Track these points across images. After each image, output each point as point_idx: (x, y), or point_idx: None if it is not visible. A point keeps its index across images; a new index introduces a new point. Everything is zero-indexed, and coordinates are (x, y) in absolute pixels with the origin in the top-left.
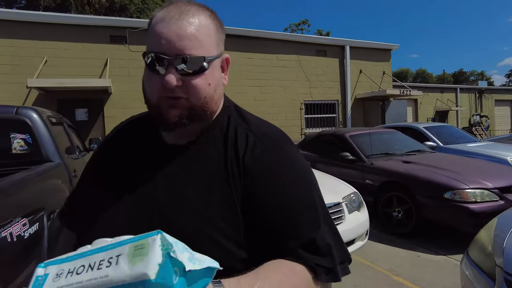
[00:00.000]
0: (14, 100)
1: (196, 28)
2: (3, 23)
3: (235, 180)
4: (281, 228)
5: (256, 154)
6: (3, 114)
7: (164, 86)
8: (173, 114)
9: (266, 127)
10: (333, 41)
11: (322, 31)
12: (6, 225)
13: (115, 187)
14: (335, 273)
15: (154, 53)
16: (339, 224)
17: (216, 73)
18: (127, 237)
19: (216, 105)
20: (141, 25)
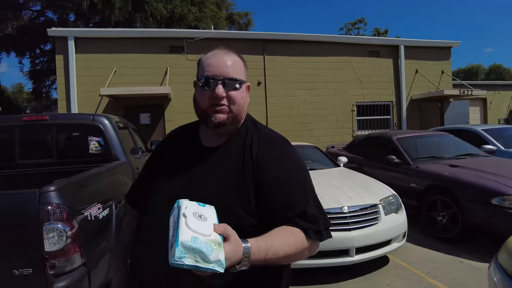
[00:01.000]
0: (88, 106)
1: (234, 61)
2: (80, 40)
3: (249, 171)
4: (281, 203)
5: (264, 153)
6: (83, 120)
7: (215, 97)
8: (219, 117)
9: (272, 134)
10: (386, 41)
11: (379, 29)
12: (88, 207)
13: (165, 175)
14: (321, 234)
15: (208, 76)
16: (374, 225)
17: (245, 92)
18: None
19: (244, 114)
20: (198, 35)
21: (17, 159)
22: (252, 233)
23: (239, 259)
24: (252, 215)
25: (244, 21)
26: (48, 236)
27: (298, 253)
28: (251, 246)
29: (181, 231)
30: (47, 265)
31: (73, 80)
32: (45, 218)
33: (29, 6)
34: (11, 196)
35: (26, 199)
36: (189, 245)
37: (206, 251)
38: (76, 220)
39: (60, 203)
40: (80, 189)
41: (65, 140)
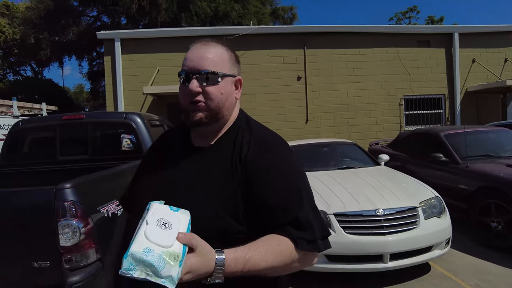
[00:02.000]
0: (134, 105)
1: (215, 53)
2: (125, 41)
3: (237, 173)
4: (270, 209)
5: (254, 155)
6: (116, 118)
7: (190, 93)
8: (198, 115)
9: (265, 134)
10: (438, 30)
11: (433, 17)
12: (105, 204)
13: (151, 174)
14: (317, 244)
15: (184, 71)
16: (411, 230)
17: (228, 87)
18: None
19: (228, 111)
20: (237, 31)
21: (58, 155)
22: (241, 241)
23: (210, 271)
24: (240, 221)
25: (289, 15)
26: (63, 232)
27: (286, 265)
28: (226, 258)
29: (136, 240)
30: (62, 259)
31: (120, 79)
32: (61, 214)
33: (86, 12)
34: (31, 192)
35: (44, 195)
36: (139, 257)
37: (158, 265)
38: (91, 217)
39: (75, 200)
40: (98, 186)
41: (100, 137)
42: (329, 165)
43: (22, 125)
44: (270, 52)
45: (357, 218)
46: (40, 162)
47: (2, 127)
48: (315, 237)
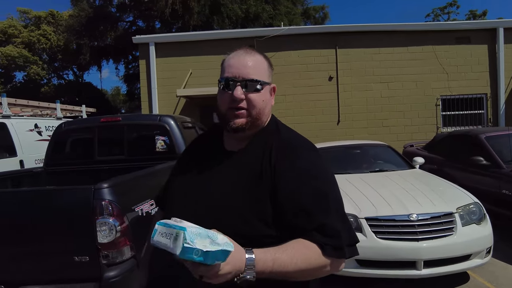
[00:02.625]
0: (168, 106)
1: (256, 61)
2: (159, 45)
3: (266, 177)
4: (297, 214)
5: (282, 159)
6: (150, 121)
7: (233, 100)
8: (238, 122)
9: (293, 139)
10: (479, 25)
11: (475, 11)
12: (140, 203)
13: (187, 177)
14: (343, 251)
15: (227, 78)
16: (447, 236)
17: (267, 94)
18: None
19: (266, 118)
20: (267, 33)
21: (96, 156)
22: (270, 244)
23: (242, 266)
24: (269, 224)
25: (320, 15)
26: (100, 229)
27: (313, 268)
28: (256, 256)
29: (183, 224)
30: (100, 255)
31: (154, 82)
32: (98, 212)
33: (123, 18)
34: (72, 191)
35: (83, 194)
36: (196, 231)
37: (212, 235)
38: (127, 215)
39: (112, 199)
40: (133, 186)
41: (135, 139)
42: (361, 168)
43: (65, 127)
44: (301, 52)
45: (389, 223)
46: (80, 162)
47: (48, 128)
48: (341, 244)
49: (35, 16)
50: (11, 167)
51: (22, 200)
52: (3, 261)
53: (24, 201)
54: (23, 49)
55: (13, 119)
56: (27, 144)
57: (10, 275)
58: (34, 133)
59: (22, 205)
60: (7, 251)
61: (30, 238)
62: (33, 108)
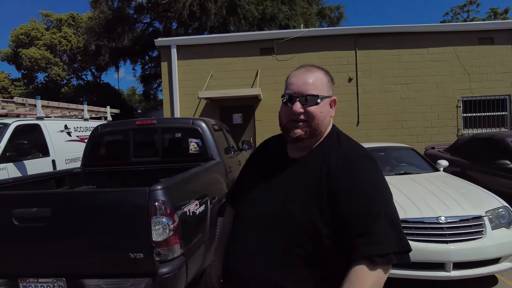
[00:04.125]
0: (189, 108)
1: (316, 78)
2: (181, 48)
3: (323, 184)
4: (348, 220)
5: (340, 167)
6: (184, 124)
7: (293, 113)
8: (298, 132)
9: (354, 150)
10: (503, 25)
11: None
12: (187, 204)
13: (253, 181)
14: (389, 257)
15: (288, 94)
16: (477, 239)
17: (326, 107)
18: None
19: (325, 128)
20: (287, 35)
21: (131, 157)
22: (329, 245)
23: None
24: (328, 225)
25: (336, 14)
26: (155, 228)
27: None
28: None
29: None
30: (154, 252)
31: (176, 84)
32: (153, 212)
33: (141, 19)
34: (129, 192)
35: (139, 195)
36: None
37: None
38: (177, 215)
39: (165, 200)
40: (181, 187)
41: (169, 141)
42: (386, 171)
43: (101, 130)
44: (321, 54)
45: (418, 225)
46: (116, 163)
47: (76, 129)
48: (388, 251)
49: (56, 19)
50: (44, 166)
51: (85, 200)
52: (66, 256)
53: (87, 201)
54: (45, 51)
55: (46, 120)
56: (58, 145)
57: (73, 268)
58: (64, 134)
59: (85, 205)
60: (70, 247)
61: (91, 235)
62: (61, 110)
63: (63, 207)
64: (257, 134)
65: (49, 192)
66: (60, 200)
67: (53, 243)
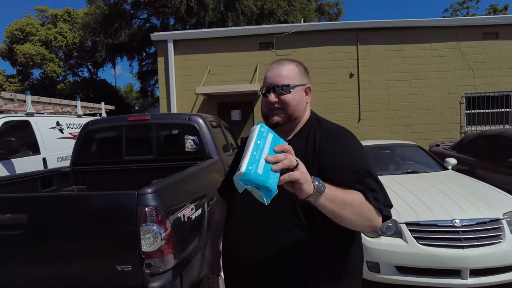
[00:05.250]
0: (186, 104)
1: (288, 69)
2: (178, 42)
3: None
4: (343, 177)
5: (325, 142)
6: (180, 120)
7: (269, 102)
8: (275, 119)
9: (334, 127)
10: (508, 20)
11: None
12: (181, 208)
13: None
14: (380, 204)
15: (264, 87)
16: (495, 244)
17: (299, 94)
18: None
19: (301, 112)
20: (287, 29)
21: (124, 155)
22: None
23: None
24: None
25: (335, 10)
26: (144, 237)
27: (362, 209)
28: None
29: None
30: (144, 264)
31: (172, 80)
32: (142, 219)
33: (137, 15)
34: (115, 196)
35: (126, 200)
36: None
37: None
38: (170, 222)
39: (156, 205)
40: (176, 190)
41: (164, 138)
42: (392, 169)
43: (92, 126)
44: (321, 49)
45: (431, 229)
46: (107, 162)
47: (69, 126)
48: (379, 199)
49: (52, 14)
50: (34, 164)
51: (65, 204)
52: (45, 268)
53: (65, 206)
54: (40, 46)
55: (36, 116)
56: (49, 142)
57: (53, 282)
58: (56, 131)
59: (65, 210)
60: (49, 258)
61: (72, 245)
62: (54, 106)
63: (40, 213)
64: None
65: (23, 196)
66: (36, 205)
67: (30, 253)
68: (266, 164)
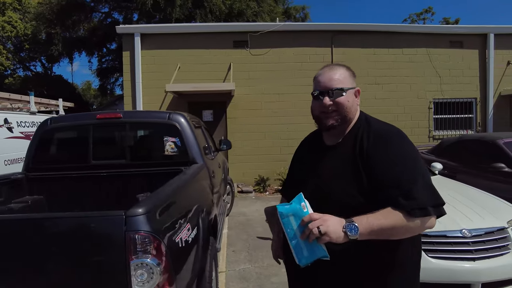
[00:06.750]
0: (153, 102)
1: (340, 74)
2: (146, 36)
3: (361, 160)
4: (387, 183)
5: (373, 143)
6: (158, 119)
7: (323, 106)
8: (330, 121)
9: (383, 127)
10: (471, 30)
11: (449, 19)
12: (178, 231)
13: (300, 171)
14: (427, 210)
15: (319, 90)
16: (504, 254)
17: (352, 96)
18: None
19: (353, 115)
20: (262, 28)
21: (90, 159)
22: (362, 212)
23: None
24: (366, 196)
25: (301, 15)
26: (136, 274)
27: (402, 226)
28: (354, 219)
29: None
30: None
31: (139, 76)
32: (133, 250)
33: (98, 8)
34: (93, 219)
35: (109, 224)
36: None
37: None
38: (167, 250)
39: (150, 230)
40: (169, 208)
41: (139, 140)
42: None
43: (51, 124)
44: (296, 50)
45: (440, 240)
46: (70, 167)
47: (20, 124)
48: (425, 204)
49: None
50: None
51: (25, 231)
52: None
53: (28, 233)
54: None
55: None
56: None
57: None
58: (4, 130)
59: (26, 239)
60: None
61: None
62: (1, 101)
63: None
64: (229, 132)
65: None
66: None
67: None
68: (305, 242)
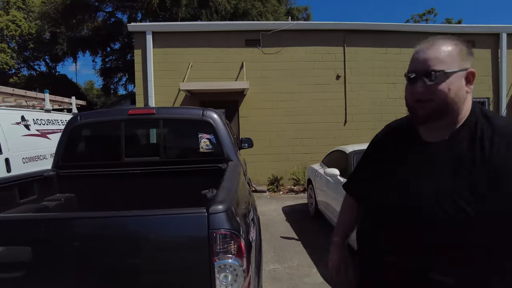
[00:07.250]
0: (165, 101)
1: (441, 51)
2: (157, 34)
3: (480, 167)
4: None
5: (504, 146)
6: (192, 115)
7: (416, 92)
8: (421, 113)
9: (508, 126)
10: (483, 29)
11: (451, 19)
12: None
13: (386, 168)
14: None
15: (409, 71)
16: None
17: (457, 82)
18: None
19: (458, 106)
20: (274, 27)
21: (123, 157)
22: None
23: None
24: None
25: (304, 15)
26: (220, 277)
27: None
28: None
29: None
30: None
31: (151, 74)
32: (216, 250)
33: (102, 8)
34: (168, 217)
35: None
36: None
37: None
38: (248, 250)
39: (232, 228)
40: (239, 204)
41: (173, 137)
42: None
43: (81, 120)
44: (309, 49)
45: None
46: (102, 165)
47: (36, 121)
48: None
49: (3, 1)
50: None
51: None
52: None
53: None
54: None
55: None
56: (13, 140)
57: None
58: (21, 127)
59: (91, 240)
60: None
61: None
62: (16, 98)
63: (54, 244)
64: (241, 131)
65: (29, 218)
66: (49, 231)
67: None
68: None
